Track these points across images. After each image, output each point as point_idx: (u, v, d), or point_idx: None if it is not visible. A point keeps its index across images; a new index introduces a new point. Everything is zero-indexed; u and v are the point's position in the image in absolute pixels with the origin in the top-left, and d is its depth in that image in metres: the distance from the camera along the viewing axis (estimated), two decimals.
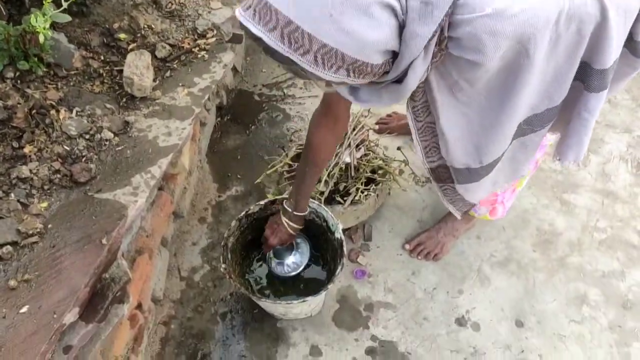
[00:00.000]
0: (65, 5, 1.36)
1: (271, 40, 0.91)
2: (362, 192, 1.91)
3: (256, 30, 0.91)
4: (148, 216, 1.60)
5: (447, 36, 1.02)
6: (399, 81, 1.07)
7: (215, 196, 2.16)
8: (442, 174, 1.50)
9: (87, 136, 1.47)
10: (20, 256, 1.18)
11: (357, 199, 1.89)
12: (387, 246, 2.01)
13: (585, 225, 2.08)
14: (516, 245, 2.02)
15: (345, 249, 1.62)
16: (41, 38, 1.31)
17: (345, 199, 1.89)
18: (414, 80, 1.05)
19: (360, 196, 1.90)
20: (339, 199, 1.90)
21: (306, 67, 0.93)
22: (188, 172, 1.91)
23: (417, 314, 1.83)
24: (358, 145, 1.99)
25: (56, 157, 1.39)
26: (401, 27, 0.97)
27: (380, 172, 2.00)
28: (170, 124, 1.60)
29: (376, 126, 2.36)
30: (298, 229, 1.67)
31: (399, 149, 2.18)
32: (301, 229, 1.69)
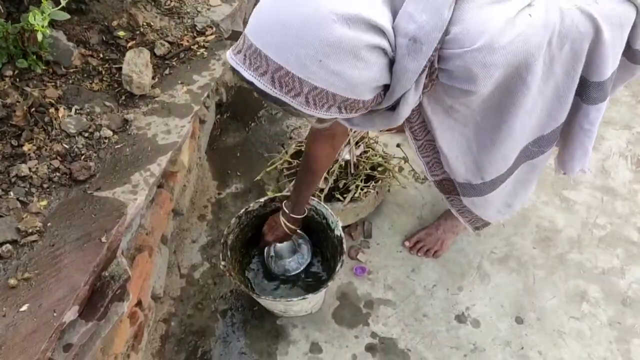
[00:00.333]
0: (63, 3, 1.36)
1: (262, 84, 0.92)
2: (361, 190, 1.91)
3: (247, 75, 0.93)
4: (148, 214, 1.60)
5: (437, 68, 1.04)
6: (392, 109, 1.08)
7: (215, 194, 2.16)
8: (447, 186, 1.52)
9: (86, 134, 1.47)
10: (20, 255, 1.18)
11: (357, 196, 1.89)
12: (387, 243, 2.01)
13: (585, 222, 2.08)
14: (516, 242, 2.02)
15: (345, 247, 1.62)
16: (39, 36, 1.31)
17: (344, 196, 1.89)
18: (406, 109, 1.07)
19: (360, 193, 1.90)
20: (339, 196, 1.90)
21: (298, 108, 0.95)
22: (187, 169, 1.91)
23: (417, 310, 1.83)
24: (358, 142, 1.99)
25: (55, 156, 1.38)
26: (391, 63, 0.99)
27: (379, 169, 2.00)
28: (170, 121, 1.60)
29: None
30: (295, 230, 1.70)
31: (398, 146, 2.18)
32: (298, 229, 1.72)
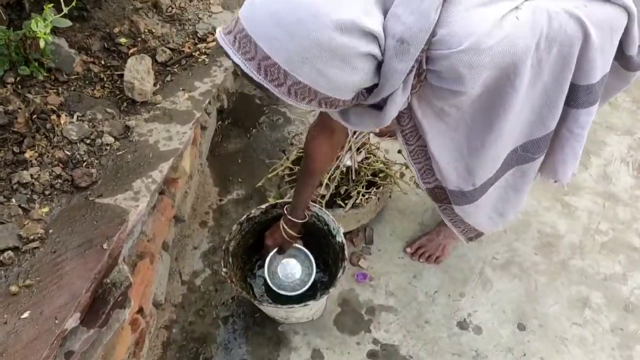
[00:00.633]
0: (65, 10, 1.36)
1: (248, 69, 0.95)
2: (363, 196, 1.91)
3: (235, 58, 0.95)
4: (149, 220, 1.59)
5: (425, 69, 1.06)
6: (380, 108, 1.10)
7: (216, 200, 2.16)
8: (439, 194, 1.52)
9: (88, 141, 1.47)
10: (22, 261, 1.18)
11: (358, 202, 1.89)
12: (389, 249, 2.01)
13: (587, 228, 2.07)
14: (518, 248, 2.01)
15: (346, 253, 1.62)
16: (42, 43, 1.31)
17: (346, 202, 1.89)
18: (394, 109, 1.09)
19: (362, 199, 1.90)
20: (340, 202, 1.90)
21: (279, 96, 0.98)
22: (189, 176, 1.91)
23: (419, 317, 1.82)
24: (359, 148, 1.99)
25: (57, 162, 1.39)
26: (380, 65, 1.01)
27: (381, 175, 2.00)
28: (171, 128, 1.60)
29: (377, 129, 2.36)
30: (294, 237, 1.66)
31: (399, 152, 2.17)
32: (298, 240, 1.69)
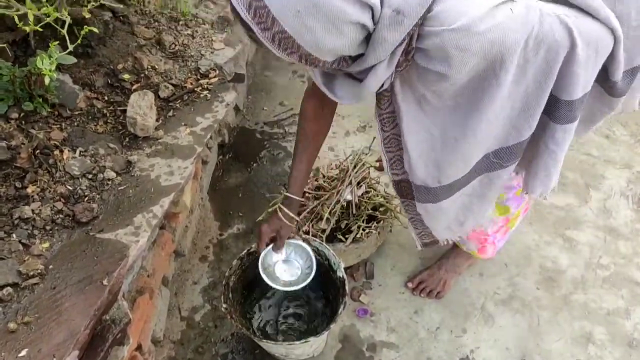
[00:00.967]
0: (71, 48, 1.38)
1: (239, 5, 0.96)
2: (363, 230, 1.90)
3: None
4: (149, 255, 1.59)
5: (414, 47, 1.06)
6: (361, 80, 1.11)
7: (216, 234, 2.16)
8: (404, 188, 1.49)
9: (90, 176, 1.48)
10: (21, 298, 1.17)
11: (359, 236, 1.89)
12: (389, 284, 1.99)
13: (589, 262, 2.06)
14: (519, 282, 2.00)
15: (347, 288, 1.60)
16: (47, 80, 1.33)
17: (347, 236, 1.88)
18: (374, 82, 1.10)
19: (362, 234, 1.89)
20: (341, 236, 1.89)
21: (263, 41, 0.99)
22: (190, 210, 1.91)
23: (421, 353, 1.80)
24: (359, 182, 2.00)
25: (59, 197, 1.39)
26: (368, 37, 1.03)
27: (381, 209, 2.00)
28: (173, 163, 1.61)
29: (377, 164, 2.37)
30: (292, 218, 1.57)
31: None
32: (295, 224, 1.61)
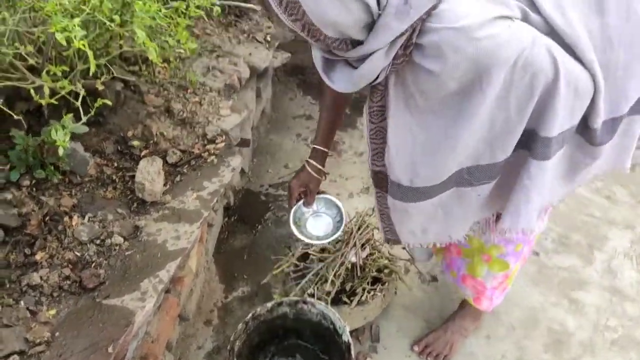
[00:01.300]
0: (84, 120, 1.43)
1: None
2: (368, 292, 1.90)
3: None
4: (154, 320, 1.59)
5: (414, 42, 1.09)
6: (355, 67, 1.14)
7: (221, 297, 2.15)
8: (381, 180, 1.50)
9: (98, 241, 1.50)
10: None
11: (364, 299, 1.89)
12: (395, 347, 1.97)
13: (596, 325, 2.04)
14: (527, 345, 1.97)
15: (352, 353, 1.59)
16: (60, 151, 1.36)
17: (351, 299, 1.88)
18: (369, 71, 1.13)
19: (367, 296, 1.89)
20: (346, 299, 1.89)
21: (271, 2, 1.03)
22: (195, 274, 1.92)
23: None
24: (363, 244, 2.01)
25: (67, 264, 1.41)
26: (371, 24, 1.06)
27: (386, 271, 2.01)
28: (179, 227, 1.63)
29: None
30: (321, 171, 1.66)
31: (403, 247, 2.19)
32: (323, 178, 1.69)
